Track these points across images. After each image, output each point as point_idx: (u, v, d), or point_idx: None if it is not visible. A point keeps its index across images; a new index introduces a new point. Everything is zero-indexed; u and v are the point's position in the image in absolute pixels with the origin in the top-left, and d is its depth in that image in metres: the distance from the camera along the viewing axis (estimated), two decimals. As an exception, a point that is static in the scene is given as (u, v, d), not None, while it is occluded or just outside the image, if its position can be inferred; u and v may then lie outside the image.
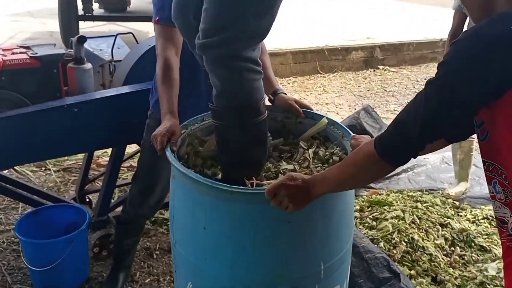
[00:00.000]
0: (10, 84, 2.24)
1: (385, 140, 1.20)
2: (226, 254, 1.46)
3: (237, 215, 1.42)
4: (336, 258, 1.56)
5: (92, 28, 7.08)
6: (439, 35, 7.71)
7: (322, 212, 1.46)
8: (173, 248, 1.67)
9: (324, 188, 1.31)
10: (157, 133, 1.63)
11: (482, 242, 2.83)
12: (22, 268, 2.54)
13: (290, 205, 1.31)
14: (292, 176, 1.33)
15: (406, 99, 5.83)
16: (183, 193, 1.54)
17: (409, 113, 1.17)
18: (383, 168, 1.24)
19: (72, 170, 3.56)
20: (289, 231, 1.43)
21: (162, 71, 1.82)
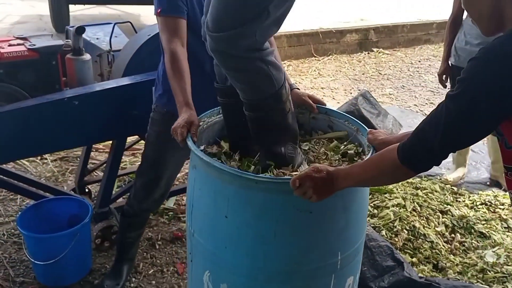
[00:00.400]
0: (8, 76, 2.20)
1: (408, 150, 1.23)
2: (247, 243, 1.48)
3: (260, 204, 1.43)
4: (352, 249, 1.58)
5: (82, 11, 6.96)
6: (433, 17, 7.70)
7: (342, 203, 1.48)
8: (189, 238, 1.68)
9: (347, 183, 1.36)
10: (176, 126, 1.63)
11: (481, 229, 2.87)
12: (24, 261, 2.53)
13: (314, 196, 1.34)
14: (318, 168, 1.36)
15: (401, 83, 5.84)
16: (205, 183, 1.54)
17: (430, 124, 1.20)
18: (405, 174, 1.29)
19: (69, 160, 3.53)
20: (310, 221, 1.45)
21: (171, 64, 1.80)
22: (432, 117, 1.20)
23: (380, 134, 1.59)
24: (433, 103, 5.24)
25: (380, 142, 1.55)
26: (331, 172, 1.35)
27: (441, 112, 1.17)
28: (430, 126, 1.20)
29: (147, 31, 2.47)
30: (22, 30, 5.93)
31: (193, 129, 1.61)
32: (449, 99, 1.17)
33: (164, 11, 1.84)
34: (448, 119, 1.15)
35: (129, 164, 3.46)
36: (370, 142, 1.59)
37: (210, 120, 1.77)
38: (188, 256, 1.74)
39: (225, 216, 1.47)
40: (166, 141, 2.08)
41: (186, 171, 3.45)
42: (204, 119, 1.74)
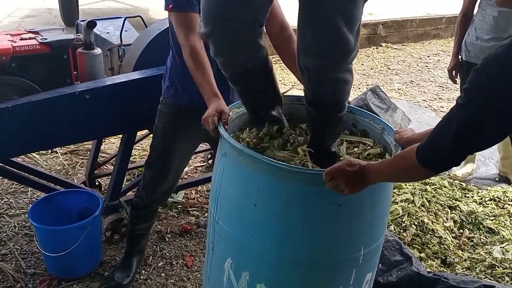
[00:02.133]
0: (20, 70, 2.22)
1: (425, 152, 1.25)
2: (274, 232, 1.49)
3: (290, 194, 1.44)
4: (375, 245, 1.60)
5: (91, 5, 6.98)
6: (442, 11, 7.65)
7: (371, 198, 1.50)
8: (212, 225, 1.68)
9: (378, 178, 1.38)
10: (207, 115, 1.63)
11: (490, 224, 2.87)
12: (35, 253, 2.56)
13: (346, 189, 1.36)
14: (351, 162, 1.38)
15: (409, 78, 5.82)
16: (235, 171, 1.55)
17: (444, 129, 1.22)
18: (427, 174, 1.31)
19: (79, 153, 3.55)
20: (339, 214, 1.46)
21: (192, 59, 1.80)
22: (445, 120, 1.23)
23: (406, 132, 1.61)
24: (442, 98, 5.22)
25: (406, 140, 1.57)
26: (364, 166, 1.37)
27: (451, 119, 1.20)
28: (443, 132, 1.22)
29: (158, 25, 2.48)
30: (31, 23, 5.96)
31: (224, 117, 1.62)
32: (458, 107, 1.18)
33: (176, 6, 1.84)
34: (458, 128, 1.17)
35: (138, 158, 3.48)
36: (397, 142, 1.61)
37: (238, 111, 1.78)
38: (209, 244, 1.75)
39: (254, 204, 1.48)
40: (173, 133, 2.11)
41: (195, 165, 3.48)
42: (233, 109, 1.75)
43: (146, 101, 2.37)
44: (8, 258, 2.53)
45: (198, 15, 1.86)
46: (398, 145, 1.59)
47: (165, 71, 2.13)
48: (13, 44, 2.19)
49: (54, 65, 2.28)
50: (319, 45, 1.45)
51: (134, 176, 3.25)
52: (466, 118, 1.16)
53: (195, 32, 1.80)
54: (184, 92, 2.01)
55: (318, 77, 1.51)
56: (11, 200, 2.98)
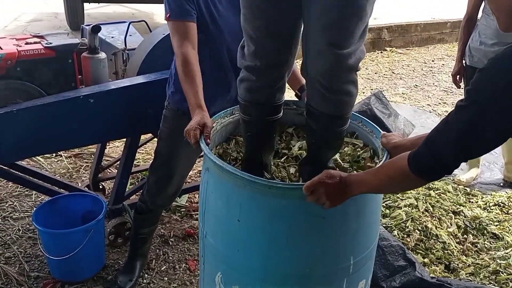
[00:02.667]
0: (25, 74, 2.22)
1: (419, 159, 1.22)
2: (259, 247, 1.49)
3: (273, 208, 1.44)
4: (365, 253, 1.59)
5: (96, 10, 7.02)
6: (447, 16, 7.64)
7: (355, 208, 1.48)
8: (202, 239, 1.69)
9: (360, 189, 1.35)
10: (189, 128, 1.63)
11: (494, 230, 2.86)
12: (39, 256, 2.57)
13: (327, 202, 1.34)
14: (331, 174, 1.35)
15: (414, 82, 5.81)
16: (218, 186, 1.55)
17: (442, 134, 1.19)
18: (416, 183, 1.28)
19: (83, 156, 3.57)
20: (323, 226, 1.45)
21: (182, 67, 1.82)
22: (443, 126, 1.19)
23: (394, 137, 1.57)
24: (446, 103, 5.21)
25: (394, 146, 1.54)
26: (344, 178, 1.34)
27: (451, 123, 1.16)
28: (442, 137, 1.18)
29: (162, 30, 2.49)
30: (37, 27, 6.00)
31: (206, 131, 1.61)
32: (459, 109, 1.15)
33: (174, 15, 1.87)
34: (459, 130, 1.14)
35: (142, 162, 3.49)
36: (384, 146, 1.57)
37: (223, 120, 1.78)
38: (201, 258, 1.76)
39: (238, 219, 1.48)
40: (178, 138, 2.10)
41: (198, 169, 3.48)
42: (218, 120, 1.75)
43: (150, 105, 2.38)
44: (12, 261, 2.54)
45: (194, 24, 1.88)
46: (385, 150, 1.57)
47: (170, 76, 2.14)
48: (18, 48, 2.20)
49: (59, 69, 2.29)
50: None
51: (137, 180, 3.26)
52: (468, 120, 1.13)
53: (189, 41, 1.84)
54: None
55: (320, 85, 1.47)
56: (15, 203, 3.00)
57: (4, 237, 2.70)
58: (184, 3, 1.86)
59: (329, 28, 1.37)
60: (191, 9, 1.88)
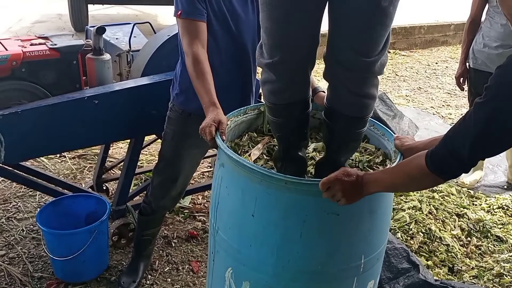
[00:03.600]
0: (30, 75, 2.23)
1: (436, 157, 1.23)
2: (273, 242, 1.49)
3: (288, 204, 1.44)
4: (375, 253, 1.59)
5: (100, 11, 7.04)
6: (451, 18, 7.63)
7: (369, 207, 1.49)
8: (213, 235, 1.69)
9: (376, 188, 1.36)
10: (204, 125, 1.64)
11: (498, 232, 2.85)
12: (43, 257, 2.58)
13: (342, 199, 1.35)
14: (348, 172, 1.36)
15: (417, 84, 5.80)
16: (233, 181, 1.55)
17: (459, 132, 1.20)
18: (434, 181, 1.28)
19: (87, 157, 3.58)
20: (337, 224, 1.46)
21: (193, 66, 1.82)
22: (460, 125, 1.20)
23: (407, 139, 1.59)
24: (450, 105, 5.20)
25: (407, 148, 1.54)
26: (361, 176, 1.36)
27: (469, 120, 1.17)
28: (459, 135, 1.19)
29: (166, 31, 2.50)
30: (41, 29, 6.03)
31: (221, 127, 1.62)
32: (477, 106, 1.16)
33: (185, 13, 1.86)
34: (477, 127, 1.14)
35: (146, 163, 3.50)
36: (397, 148, 1.58)
37: (237, 119, 1.79)
38: (210, 254, 1.76)
39: (252, 214, 1.48)
40: (182, 140, 2.12)
41: (202, 170, 3.48)
42: (231, 118, 1.76)
43: (154, 107, 2.39)
44: (15, 261, 2.54)
45: (205, 24, 1.88)
46: (398, 152, 1.58)
47: (174, 77, 2.14)
48: (24, 49, 2.21)
49: (63, 70, 2.30)
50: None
51: (141, 181, 3.26)
52: (486, 116, 1.13)
53: (199, 40, 1.84)
54: (193, 99, 2.02)
55: (346, 90, 1.46)
56: (19, 204, 3.01)
57: (8, 237, 2.71)
58: (196, 2, 1.86)
59: (356, 38, 1.37)
60: (203, 8, 1.88)
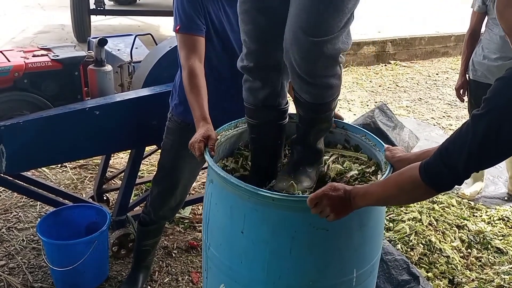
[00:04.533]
0: (32, 86, 2.25)
1: (431, 168, 1.22)
2: (263, 258, 1.49)
3: (277, 220, 1.44)
4: (368, 266, 1.59)
5: (102, 22, 7.09)
6: (451, 29, 7.67)
7: (359, 221, 1.49)
8: (205, 251, 1.70)
9: (365, 202, 1.35)
10: (193, 140, 1.65)
11: (498, 244, 2.84)
12: (43, 267, 2.58)
13: (331, 215, 1.34)
14: (335, 187, 1.36)
15: (418, 95, 5.82)
16: (221, 198, 1.56)
17: (455, 144, 1.19)
18: (426, 193, 1.27)
19: (88, 168, 3.59)
20: (327, 239, 1.46)
21: (188, 80, 1.84)
22: (457, 136, 1.19)
23: (398, 151, 1.57)
24: (451, 116, 5.21)
25: (398, 159, 1.54)
26: (349, 191, 1.35)
27: (466, 132, 1.16)
28: (455, 146, 1.18)
29: (167, 43, 2.52)
30: (44, 39, 6.07)
31: (210, 143, 1.63)
32: (474, 118, 1.15)
33: (183, 28, 1.89)
34: (474, 139, 1.14)
35: (146, 173, 3.51)
36: (388, 160, 1.57)
37: (227, 133, 1.80)
38: (204, 270, 1.77)
39: (241, 231, 1.49)
40: (181, 150, 2.12)
41: (202, 180, 3.49)
42: (222, 133, 1.77)
43: (155, 117, 2.40)
44: (15, 271, 2.54)
45: (203, 38, 1.90)
46: (388, 163, 1.57)
47: (173, 88, 2.16)
48: (26, 60, 2.23)
49: (65, 81, 2.31)
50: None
51: (141, 191, 3.27)
52: (483, 128, 1.12)
53: (196, 55, 1.86)
54: None
55: (300, 77, 1.50)
56: (20, 214, 3.01)
57: (8, 247, 2.71)
58: (195, 18, 1.89)
59: (302, 13, 1.40)
60: (201, 23, 1.91)
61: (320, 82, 1.50)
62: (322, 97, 1.55)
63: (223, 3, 1.96)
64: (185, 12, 1.89)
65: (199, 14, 1.89)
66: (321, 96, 1.55)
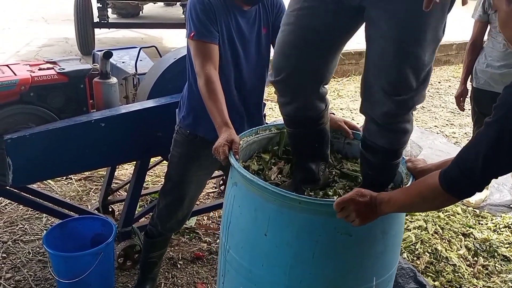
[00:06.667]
0: (38, 99, 2.27)
1: (450, 176, 1.24)
2: (285, 262, 1.49)
3: (301, 224, 1.45)
4: (387, 275, 1.59)
5: (106, 35, 7.14)
6: (453, 38, 7.69)
7: (382, 228, 1.50)
8: (223, 254, 1.69)
9: (389, 208, 1.37)
10: (217, 145, 1.67)
11: (505, 252, 2.83)
12: (49, 279, 2.58)
13: (356, 220, 1.36)
14: (362, 192, 1.38)
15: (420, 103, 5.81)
16: (245, 200, 1.56)
17: (470, 151, 1.22)
18: (447, 201, 1.30)
19: (93, 179, 3.60)
20: (350, 244, 1.47)
21: (206, 87, 1.85)
22: (472, 144, 1.22)
23: (420, 162, 1.61)
24: (454, 124, 5.21)
25: (420, 170, 1.57)
26: (375, 197, 1.37)
27: (480, 140, 1.19)
28: (470, 154, 1.21)
29: (172, 55, 2.54)
30: (49, 53, 6.11)
31: (234, 146, 1.65)
32: (486, 126, 1.18)
33: (198, 35, 1.90)
34: (488, 146, 1.16)
35: (151, 184, 3.51)
36: (410, 171, 1.60)
37: (248, 139, 1.82)
38: (219, 275, 1.76)
39: (265, 234, 1.49)
40: (188, 162, 2.13)
41: (207, 190, 3.50)
42: (243, 138, 1.79)
43: (160, 129, 2.41)
44: (22, 284, 2.55)
45: (217, 46, 1.92)
46: (410, 174, 1.59)
47: (181, 100, 2.17)
48: (32, 74, 2.25)
49: (71, 94, 2.33)
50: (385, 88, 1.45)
51: (147, 202, 3.28)
52: (496, 134, 1.15)
53: (212, 62, 1.87)
54: (200, 122, 2.05)
55: (380, 126, 1.51)
56: (26, 226, 3.02)
57: (14, 260, 2.72)
58: (209, 25, 1.90)
59: (383, 78, 1.42)
60: (215, 32, 1.92)
61: (398, 128, 1.51)
62: (398, 142, 1.55)
63: (235, 14, 1.97)
64: (199, 19, 1.90)
65: (212, 22, 1.91)
66: (397, 141, 1.55)
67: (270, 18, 2.04)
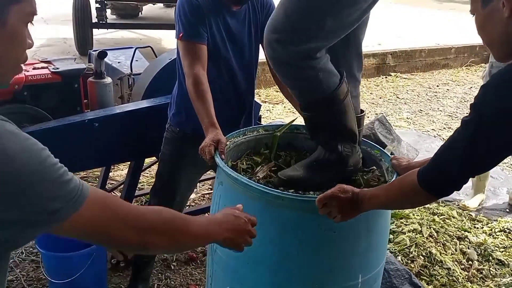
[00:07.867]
0: (32, 98, 2.27)
1: (427, 175, 1.24)
2: (270, 260, 1.49)
3: (286, 221, 1.45)
4: (373, 272, 1.59)
5: (105, 35, 7.14)
6: (451, 41, 7.70)
7: (366, 226, 1.50)
8: (211, 255, 1.69)
9: (371, 205, 1.37)
10: (203, 145, 1.67)
11: (500, 256, 2.82)
12: (41, 279, 2.56)
13: (338, 216, 1.36)
14: (344, 189, 1.38)
15: (418, 107, 5.82)
16: (231, 199, 1.56)
17: (448, 150, 1.22)
18: (427, 198, 1.30)
19: (87, 180, 3.58)
20: (334, 241, 1.47)
21: (194, 87, 1.85)
22: (449, 142, 1.22)
23: (404, 160, 1.61)
24: (451, 128, 5.20)
25: (404, 168, 1.57)
26: (357, 193, 1.37)
27: (457, 138, 1.19)
28: (448, 152, 1.21)
29: (167, 55, 2.54)
30: (47, 53, 6.11)
31: (220, 146, 1.65)
32: (463, 124, 1.18)
33: (186, 35, 1.91)
34: (464, 144, 1.17)
35: (146, 185, 3.50)
36: (395, 168, 1.61)
37: (236, 140, 1.81)
38: (208, 275, 1.75)
39: None
40: (179, 159, 2.14)
41: (202, 192, 3.49)
42: (231, 139, 1.79)
43: (154, 129, 2.40)
44: (14, 284, 2.53)
45: (205, 46, 1.91)
46: (394, 171, 1.60)
47: (172, 98, 2.17)
48: (26, 73, 2.25)
49: (65, 93, 2.34)
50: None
51: (141, 203, 3.26)
52: (473, 133, 1.15)
53: (200, 63, 1.87)
54: (190, 120, 2.05)
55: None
56: (19, 226, 3.00)
57: (7, 260, 2.70)
58: (198, 26, 1.91)
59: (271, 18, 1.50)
60: (204, 32, 1.92)
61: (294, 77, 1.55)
62: (305, 93, 1.59)
63: (224, 15, 1.98)
64: (188, 20, 1.90)
65: (200, 22, 1.91)
66: (303, 90, 1.58)
67: (260, 19, 2.04)
